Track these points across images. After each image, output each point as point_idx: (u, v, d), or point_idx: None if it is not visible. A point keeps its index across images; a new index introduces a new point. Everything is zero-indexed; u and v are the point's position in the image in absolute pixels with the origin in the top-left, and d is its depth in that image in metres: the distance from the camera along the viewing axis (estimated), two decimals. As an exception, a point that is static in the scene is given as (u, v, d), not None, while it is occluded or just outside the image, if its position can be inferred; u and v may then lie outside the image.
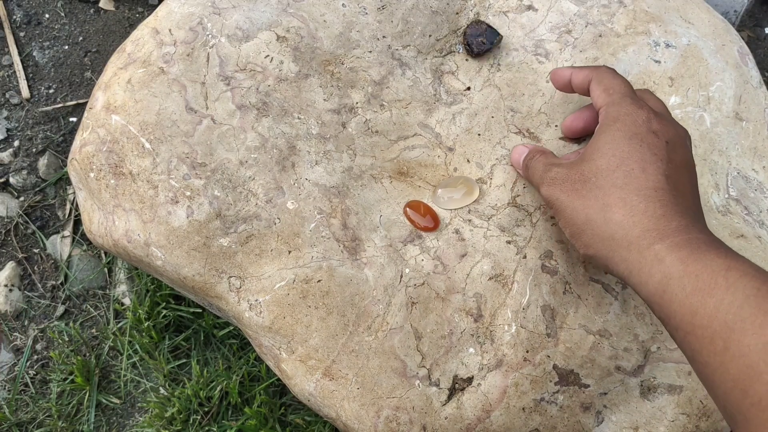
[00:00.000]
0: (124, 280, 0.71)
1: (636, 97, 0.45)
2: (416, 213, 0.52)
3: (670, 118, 0.46)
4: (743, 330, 0.32)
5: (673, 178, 0.41)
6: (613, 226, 0.40)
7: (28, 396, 0.67)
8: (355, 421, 0.48)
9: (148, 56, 0.54)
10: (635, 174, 0.41)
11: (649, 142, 0.42)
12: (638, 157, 0.42)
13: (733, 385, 0.33)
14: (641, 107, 0.44)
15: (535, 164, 0.48)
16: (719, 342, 0.33)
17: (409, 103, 0.56)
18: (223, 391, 0.65)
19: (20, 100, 0.78)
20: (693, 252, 0.37)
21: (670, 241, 0.38)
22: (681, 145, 0.44)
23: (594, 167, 0.43)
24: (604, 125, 0.44)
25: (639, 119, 0.43)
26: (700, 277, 0.35)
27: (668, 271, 0.37)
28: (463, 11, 0.60)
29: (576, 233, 0.43)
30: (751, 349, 0.32)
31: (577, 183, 0.43)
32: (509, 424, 0.49)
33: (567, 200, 0.44)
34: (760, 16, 0.92)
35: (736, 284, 0.34)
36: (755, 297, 0.33)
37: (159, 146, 0.51)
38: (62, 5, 0.83)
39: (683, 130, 0.45)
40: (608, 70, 0.48)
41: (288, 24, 0.55)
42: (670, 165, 0.42)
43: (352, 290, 0.49)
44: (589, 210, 0.42)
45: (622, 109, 0.44)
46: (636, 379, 0.51)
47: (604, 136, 0.43)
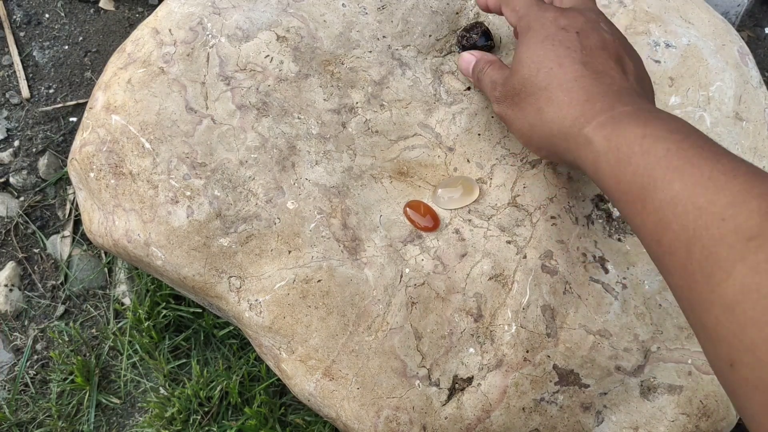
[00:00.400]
0: (124, 280, 0.71)
1: (540, 3, 0.49)
2: (416, 213, 0.52)
3: (582, 6, 0.49)
4: (655, 188, 0.36)
5: (591, 63, 0.44)
6: (549, 124, 0.44)
7: (28, 396, 0.67)
8: (355, 421, 0.48)
9: (148, 56, 0.54)
10: (554, 72, 0.44)
11: (560, 39, 0.45)
12: (553, 55, 0.45)
13: (651, 237, 0.36)
14: (546, 10, 0.47)
15: (485, 79, 0.52)
16: (638, 203, 0.37)
17: (409, 103, 0.56)
18: (223, 391, 0.65)
19: (20, 100, 0.78)
20: (615, 127, 0.40)
21: (596, 122, 0.41)
22: (593, 29, 0.46)
23: (520, 78, 0.46)
24: (520, 38, 0.48)
25: (546, 21, 0.46)
26: (620, 149, 0.39)
27: (596, 149, 0.40)
28: (463, 11, 0.60)
29: (526, 141, 0.48)
30: (662, 203, 0.35)
31: (514, 96, 0.47)
32: (509, 424, 0.49)
33: (511, 113, 0.48)
34: (760, 16, 0.92)
35: (650, 149, 0.37)
36: (665, 158, 0.36)
37: (159, 146, 0.51)
38: (62, 5, 0.83)
39: (593, 14, 0.48)
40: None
41: (288, 24, 0.55)
42: (584, 52, 0.45)
43: (352, 290, 0.49)
44: (528, 117, 0.46)
45: (530, 18, 0.47)
46: (636, 379, 0.51)
47: (522, 48, 0.47)
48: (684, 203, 0.34)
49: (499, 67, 0.51)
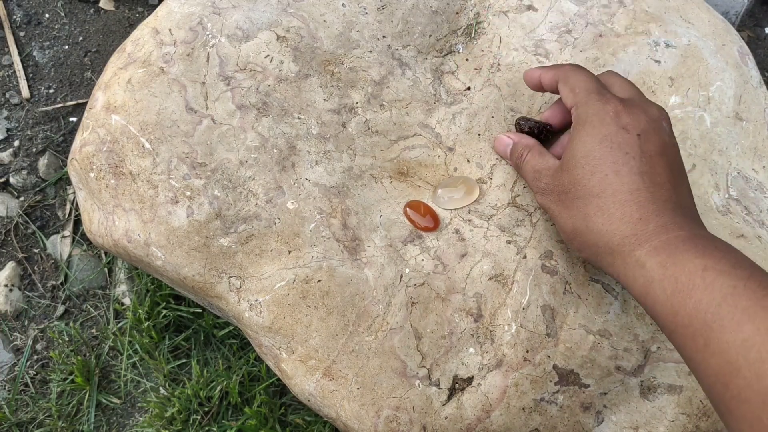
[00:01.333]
0: (124, 280, 0.71)
1: (602, 92, 0.45)
2: (416, 213, 0.52)
3: (641, 99, 0.46)
4: (722, 328, 0.34)
5: (648, 173, 0.42)
6: (595, 235, 0.42)
7: (28, 396, 0.67)
8: (355, 421, 0.48)
9: (148, 56, 0.54)
10: (609, 180, 0.42)
11: (619, 142, 0.42)
12: (611, 160, 0.42)
13: (715, 379, 0.34)
14: (607, 102, 0.44)
15: (526, 168, 0.49)
16: (700, 340, 0.35)
17: (409, 103, 0.56)
18: (223, 391, 0.65)
19: (20, 100, 0.78)
20: (671, 254, 0.38)
21: (649, 245, 0.39)
22: (655, 131, 0.43)
23: (572, 178, 0.43)
24: (575, 130, 0.45)
25: (607, 117, 0.43)
26: (679, 280, 0.37)
27: (649, 275, 0.38)
28: (463, 11, 0.60)
29: (568, 239, 0.45)
30: (729, 345, 0.33)
31: (561, 194, 0.45)
32: (509, 424, 0.49)
33: (556, 210, 0.45)
34: (760, 16, 0.92)
35: (713, 284, 0.35)
36: (732, 296, 0.34)
37: (159, 146, 0.51)
38: (62, 5, 0.83)
39: (656, 112, 0.45)
40: (572, 68, 0.48)
41: (288, 24, 0.55)
42: (643, 160, 0.42)
43: (352, 290, 0.49)
44: (573, 220, 0.43)
45: (589, 109, 0.44)
46: (636, 379, 0.51)
47: (577, 143, 0.44)
48: (758, 349, 0.32)
49: (539, 154, 0.48)
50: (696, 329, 0.35)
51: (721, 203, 0.56)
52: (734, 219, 0.55)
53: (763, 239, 0.55)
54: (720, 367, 0.34)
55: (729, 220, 0.55)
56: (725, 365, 0.33)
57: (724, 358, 0.33)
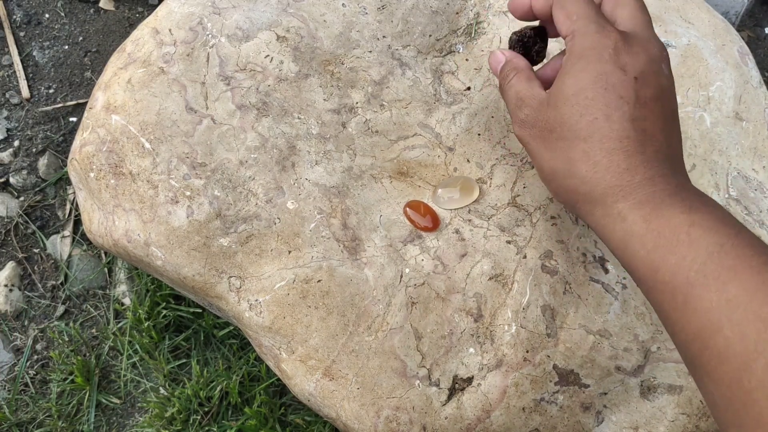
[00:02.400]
0: (124, 280, 0.71)
1: (602, 22, 0.41)
2: (416, 213, 0.52)
3: (645, 33, 0.42)
4: (705, 286, 0.33)
5: (640, 120, 0.39)
6: (577, 181, 0.39)
7: (28, 396, 0.67)
8: (355, 421, 0.48)
9: (148, 56, 0.54)
10: (599, 124, 0.39)
11: (614, 83, 0.39)
12: (603, 103, 0.39)
13: (694, 337, 0.33)
14: (607, 35, 0.40)
15: (509, 92, 0.45)
16: (680, 297, 0.34)
17: (409, 103, 0.56)
18: (223, 391, 0.65)
19: (20, 100, 0.78)
20: (656, 208, 0.36)
21: (633, 198, 0.37)
22: (653, 74, 0.40)
23: (558, 116, 0.40)
24: (569, 62, 0.41)
25: (605, 53, 0.40)
26: (662, 234, 0.35)
27: (630, 229, 0.37)
28: (463, 11, 0.60)
29: (545, 180, 0.43)
30: (713, 304, 0.32)
31: (544, 131, 0.41)
32: (509, 424, 0.49)
33: (535, 147, 0.42)
34: (760, 16, 0.92)
35: (699, 241, 0.34)
36: (718, 253, 0.33)
37: (159, 146, 0.51)
38: (62, 5, 0.83)
39: (657, 51, 0.41)
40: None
41: (288, 24, 0.55)
42: (637, 106, 0.39)
43: (352, 290, 0.49)
44: (555, 162, 0.41)
45: (586, 40, 0.40)
46: (636, 379, 0.51)
47: (569, 78, 0.40)
48: (744, 309, 0.31)
49: (527, 79, 0.44)
50: (676, 286, 0.34)
51: (721, 203, 0.56)
52: (734, 219, 0.55)
53: (763, 239, 0.55)
54: (700, 326, 0.33)
55: (729, 220, 0.55)
56: (706, 324, 0.32)
57: (706, 317, 0.32)
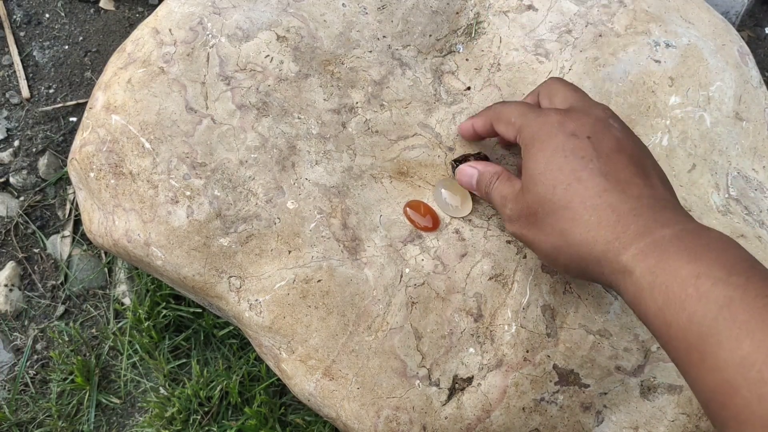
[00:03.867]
0: (124, 280, 0.71)
1: (538, 110, 0.44)
2: (416, 213, 0.52)
3: (583, 104, 0.44)
4: (719, 344, 0.32)
5: (612, 172, 0.40)
6: (577, 247, 0.39)
7: (28, 396, 0.67)
8: (355, 421, 0.48)
9: (148, 56, 0.54)
10: (574, 188, 0.40)
11: (572, 148, 0.41)
12: (569, 169, 0.40)
13: (712, 396, 0.32)
14: (546, 115, 0.43)
15: (494, 195, 0.47)
16: (695, 354, 0.33)
17: (409, 102, 0.56)
18: (223, 391, 0.65)
19: (20, 100, 0.78)
20: (660, 259, 0.36)
21: (634, 249, 0.37)
22: (604, 131, 0.42)
23: (535, 197, 0.42)
24: (525, 151, 0.43)
25: (552, 129, 0.42)
26: (670, 289, 0.34)
27: (639, 283, 0.36)
28: (463, 11, 0.60)
29: (551, 261, 0.43)
30: (728, 363, 0.31)
31: (530, 217, 0.42)
32: (509, 424, 0.49)
33: (529, 235, 0.43)
34: (760, 16, 0.92)
35: (708, 295, 0.33)
36: (728, 307, 0.32)
37: (159, 146, 0.51)
38: (62, 5, 0.83)
39: (600, 112, 0.43)
40: (500, 105, 0.48)
41: (288, 24, 0.55)
42: (601, 160, 0.40)
43: (352, 290, 0.49)
44: (551, 238, 0.41)
45: (532, 128, 0.43)
46: (636, 379, 0.51)
47: (530, 162, 0.42)
48: (759, 368, 0.30)
49: (507, 179, 0.46)
50: (691, 343, 0.33)
51: (721, 203, 0.56)
52: (734, 219, 0.55)
53: (763, 239, 0.55)
54: (717, 385, 0.32)
55: (729, 220, 0.55)
56: (723, 383, 0.31)
57: (722, 376, 0.31)
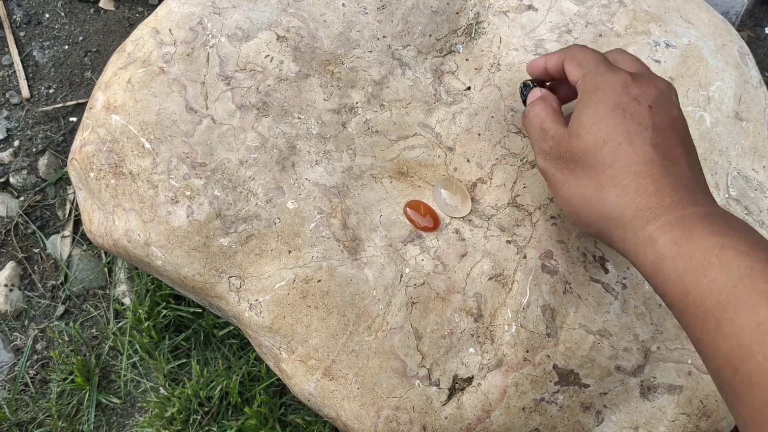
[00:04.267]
0: (124, 280, 0.71)
1: (610, 64, 0.44)
2: (416, 213, 0.52)
3: (650, 74, 0.45)
4: (737, 309, 0.33)
5: (661, 145, 0.41)
6: (609, 205, 0.40)
7: (28, 396, 0.67)
8: (355, 421, 0.48)
9: (148, 56, 0.54)
10: (623, 149, 0.40)
11: (632, 111, 0.41)
12: (623, 129, 0.41)
13: (725, 362, 0.33)
14: (617, 72, 0.43)
15: (534, 119, 0.46)
16: (712, 321, 0.34)
17: (409, 102, 0.56)
18: (223, 391, 0.65)
19: (20, 100, 0.78)
20: (686, 231, 0.36)
21: (663, 220, 0.38)
22: (665, 104, 0.42)
23: (582, 145, 0.42)
24: (584, 97, 0.43)
25: (617, 86, 0.42)
26: (693, 258, 0.35)
27: (661, 252, 0.37)
28: (463, 11, 0.60)
29: (574, 212, 0.43)
30: (744, 328, 0.32)
31: (569, 161, 0.42)
32: (509, 424, 0.49)
33: (561, 178, 0.43)
34: (760, 16, 0.92)
35: (730, 264, 0.34)
36: (749, 276, 0.33)
37: (159, 146, 0.51)
38: (62, 5, 0.83)
39: (664, 85, 0.44)
40: (579, 47, 0.47)
41: (288, 24, 0.55)
42: (656, 132, 0.41)
43: (352, 290, 0.49)
44: (584, 190, 0.41)
45: (598, 77, 0.43)
46: (636, 379, 0.51)
47: (587, 110, 0.42)
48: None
49: (553, 111, 0.46)
50: (708, 309, 0.34)
51: (721, 203, 0.56)
52: (734, 219, 0.55)
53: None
54: (731, 350, 0.32)
55: (729, 220, 0.55)
56: (737, 348, 0.32)
57: (737, 341, 0.32)
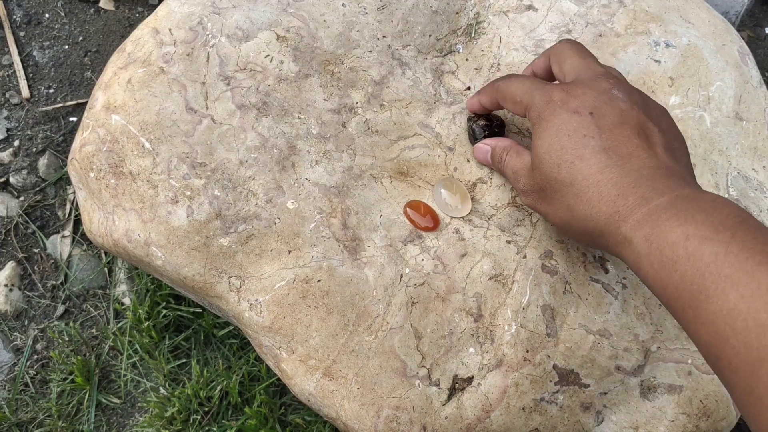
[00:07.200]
0: (124, 280, 0.71)
1: (542, 87, 0.45)
2: (416, 213, 0.52)
3: (589, 75, 0.45)
4: (708, 298, 0.33)
5: (613, 147, 0.41)
6: (583, 222, 0.42)
7: (28, 396, 0.67)
8: (355, 421, 0.48)
9: (148, 56, 0.54)
10: (576, 166, 0.41)
11: (574, 127, 0.42)
12: (571, 147, 0.42)
13: (707, 350, 0.34)
14: (551, 92, 0.44)
15: (506, 170, 0.49)
16: (690, 312, 0.35)
17: (409, 102, 0.56)
18: (223, 391, 0.65)
19: (20, 100, 0.78)
20: (654, 226, 0.37)
21: (632, 220, 0.39)
22: (607, 103, 0.43)
23: (543, 175, 0.44)
24: (534, 130, 0.45)
25: (555, 108, 0.43)
26: (664, 253, 0.36)
27: (637, 250, 0.38)
28: (463, 11, 0.60)
29: (564, 232, 0.46)
30: (716, 316, 0.33)
31: (540, 192, 0.45)
32: (509, 424, 0.49)
33: (541, 208, 0.46)
34: (760, 16, 0.92)
35: (695, 254, 0.34)
36: (714, 264, 0.33)
37: (159, 146, 0.51)
38: (62, 5, 0.83)
39: (604, 83, 0.44)
40: (503, 80, 0.48)
41: (288, 24, 0.55)
42: (603, 136, 0.41)
43: (352, 290, 0.49)
44: (560, 213, 0.44)
45: (538, 107, 0.44)
46: (636, 378, 0.51)
47: (537, 141, 0.44)
48: (744, 318, 0.31)
49: (517, 153, 0.48)
50: (685, 301, 0.35)
51: (721, 203, 0.56)
52: (734, 219, 0.55)
53: (763, 239, 0.55)
54: (710, 338, 0.33)
55: (729, 220, 0.55)
56: (714, 336, 0.33)
57: (713, 329, 0.33)
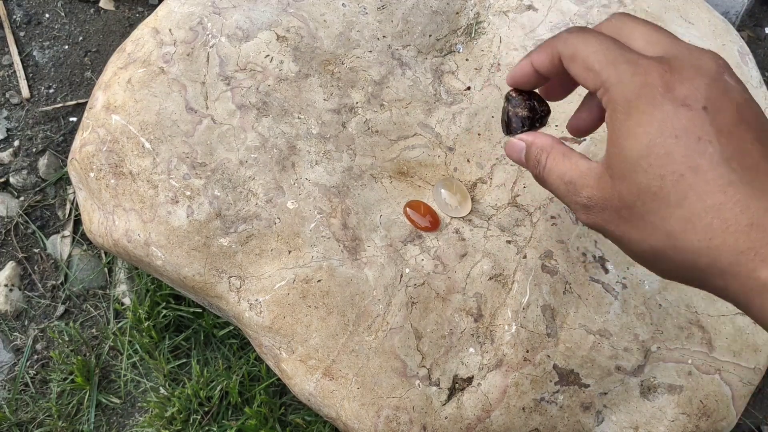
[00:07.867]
0: (124, 280, 0.71)
1: (630, 57, 0.32)
2: (416, 213, 0.52)
3: (685, 52, 0.33)
4: None
5: (737, 157, 0.30)
6: (691, 255, 0.31)
7: (28, 396, 0.67)
8: (355, 421, 0.48)
9: (148, 56, 0.54)
10: (688, 181, 0.30)
11: (684, 126, 0.30)
12: (680, 154, 0.30)
13: None
14: (647, 70, 0.32)
15: (550, 178, 0.37)
16: None
17: (409, 102, 0.56)
18: (223, 391, 0.65)
19: (20, 100, 0.78)
20: None
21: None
22: (722, 93, 0.31)
23: (632, 187, 0.32)
24: (615, 120, 0.32)
25: (656, 94, 0.31)
26: None
27: None
28: (463, 11, 0.60)
29: (647, 264, 0.34)
30: None
31: (621, 210, 0.33)
32: (509, 424, 0.49)
33: (618, 232, 0.34)
34: (760, 16, 0.92)
35: None
36: None
37: (159, 146, 0.51)
38: (62, 5, 0.83)
39: (712, 64, 0.32)
40: (574, 37, 0.35)
41: (288, 24, 0.55)
42: (722, 140, 0.30)
43: (352, 290, 0.49)
44: (650, 241, 0.32)
45: (626, 89, 0.32)
46: (636, 378, 0.51)
47: (627, 141, 0.32)
48: None
49: (563, 156, 0.36)
50: None
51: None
52: (734, 219, 0.55)
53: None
54: None
55: (729, 220, 0.55)
56: None
57: None
